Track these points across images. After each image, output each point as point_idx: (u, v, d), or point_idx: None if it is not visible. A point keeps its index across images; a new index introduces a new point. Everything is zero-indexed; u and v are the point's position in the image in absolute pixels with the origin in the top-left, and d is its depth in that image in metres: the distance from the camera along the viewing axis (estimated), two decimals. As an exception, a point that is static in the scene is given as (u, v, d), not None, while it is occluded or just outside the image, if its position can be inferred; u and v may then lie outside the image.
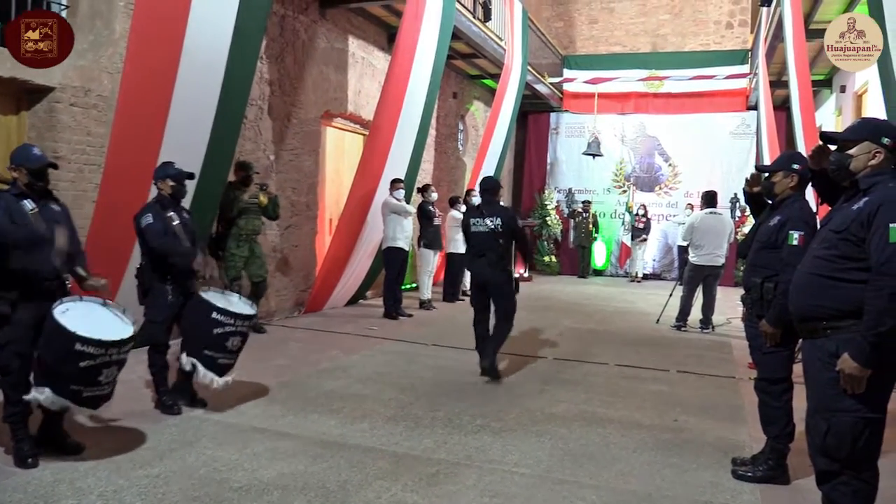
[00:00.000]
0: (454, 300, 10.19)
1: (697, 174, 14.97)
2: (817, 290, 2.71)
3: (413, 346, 6.87)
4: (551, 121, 16.42)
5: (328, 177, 9.31)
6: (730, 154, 14.89)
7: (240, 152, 7.18)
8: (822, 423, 2.68)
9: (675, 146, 15.40)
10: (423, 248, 9.30)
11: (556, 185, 16.27)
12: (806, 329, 2.79)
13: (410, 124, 9.05)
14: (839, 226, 2.68)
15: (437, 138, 12.43)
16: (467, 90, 13.88)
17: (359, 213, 8.53)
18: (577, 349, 7.06)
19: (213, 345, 4.25)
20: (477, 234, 5.66)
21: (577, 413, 4.74)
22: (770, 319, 3.47)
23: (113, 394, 3.57)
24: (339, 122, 9.48)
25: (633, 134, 15.76)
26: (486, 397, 5.04)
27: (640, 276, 14.58)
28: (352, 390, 5.09)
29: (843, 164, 2.74)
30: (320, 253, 8.84)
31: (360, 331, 7.52)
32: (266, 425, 4.22)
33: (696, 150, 15.15)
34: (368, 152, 8.54)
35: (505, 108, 12.50)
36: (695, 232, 8.39)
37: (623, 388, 5.49)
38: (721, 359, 6.82)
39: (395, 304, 8.54)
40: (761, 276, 3.59)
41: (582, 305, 10.45)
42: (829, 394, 2.66)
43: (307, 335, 7.17)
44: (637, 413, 4.80)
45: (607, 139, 15.54)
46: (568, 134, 16.26)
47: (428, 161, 11.94)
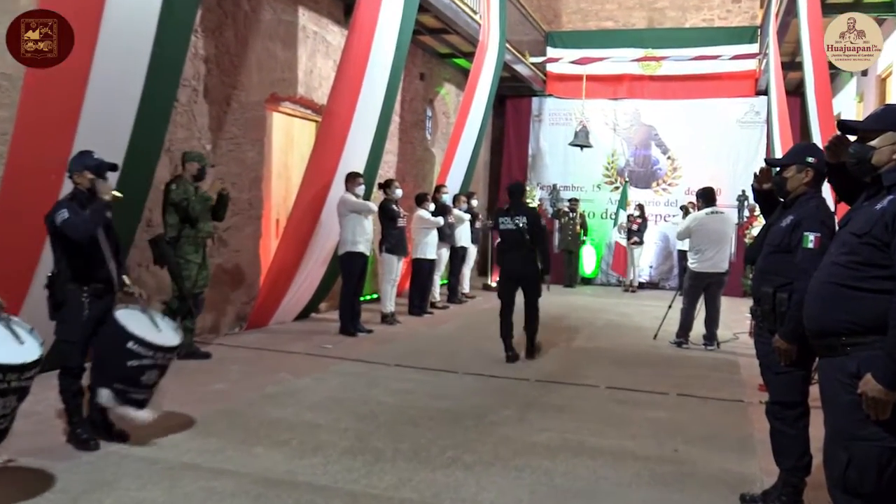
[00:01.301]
0: (422, 313, 10.18)
1: (700, 169, 15.19)
2: (835, 301, 2.74)
3: (374, 366, 6.84)
4: (533, 107, 16.54)
5: (275, 170, 9.25)
6: (737, 145, 15.13)
7: (170, 141, 7.09)
8: (843, 454, 2.70)
9: (675, 136, 15.62)
10: (386, 253, 9.28)
11: (539, 180, 16.37)
12: (823, 346, 2.81)
13: (371, 110, 9.02)
14: (860, 228, 2.71)
15: (402, 126, 12.42)
16: (436, 71, 13.90)
17: (311, 213, 8.48)
18: (562, 369, 7.07)
19: (125, 378, 4.19)
20: (506, 232, 7.39)
21: (563, 443, 4.74)
22: (784, 334, 3.50)
23: (10, 429, 3.48)
24: (287, 107, 9.42)
25: (627, 122, 15.94)
26: (458, 426, 5.02)
27: (635, 285, 14.73)
28: (302, 419, 5.04)
29: (863, 157, 2.77)
30: (265, 259, 8.77)
31: (312, 349, 7.47)
32: (199, 461, 4.16)
33: (699, 140, 15.37)
34: (322, 142, 8.50)
35: (480, 91, 12.53)
36: (693, 235, 8.49)
37: (616, 415, 5.51)
38: (728, 380, 6.89)
39: (352, 319, 8.50)
40: (773, 284, 3.62)
41: (568, 319, 10.50)
42: (850, 420, 2.67)
43: (249, 355, 7.11)
44: (632, 443, 4.82)
45: (597, 128, 15.68)
46: (552, 122, 16.38)
47: (391, 152, 11.92)
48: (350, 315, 8.49)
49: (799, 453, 3.65)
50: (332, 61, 9.81)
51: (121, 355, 4.15)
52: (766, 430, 3.87)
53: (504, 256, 7.51)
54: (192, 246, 6.68)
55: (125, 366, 4.16)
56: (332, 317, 9.17)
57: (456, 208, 11.44)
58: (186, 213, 6.61)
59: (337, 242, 8.66)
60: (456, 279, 11.97)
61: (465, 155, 12.54)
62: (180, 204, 6.55)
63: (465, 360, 7.29)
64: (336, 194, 8.58)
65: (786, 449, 3.69)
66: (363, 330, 8.57)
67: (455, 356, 7.46)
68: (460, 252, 11.76)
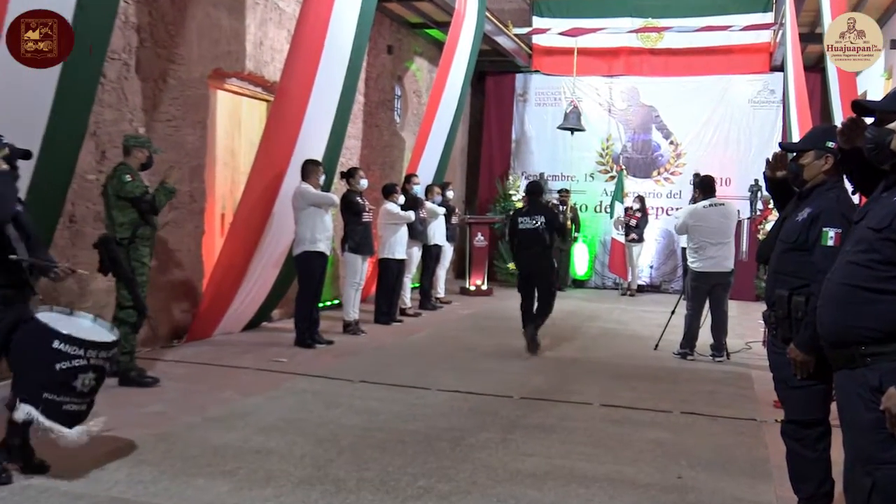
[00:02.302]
0: (390, 322, 10.17)
1: (707, 155, 15.34)
2: (853, 305, 2.76)
3: (334, 383, 6.82)
4: (517, 84, 16.58)
5: (220, 157, 9.20)
6: (749, 129, 15.28)
7: (96, 123, 7.02)
8: (866, 479, 2.73)
9: (678, 119, 15.74)
10: (349, 252, 9.25)
11: (524, 168, 16.43)
12: (840, 356, 2.84)
13: (331, 88, 9.01)
14: (879, 222, 2.73)
15: (367, 107, 12.40)
16: (406, 43, 13.89)
17: (261, 207, 8.45)
18: (550, 385, 7.09)
19: (55, 385, 4.12)
20: (524, 231, 8.59)
21: (551, 469, 4.75)
22: (801, 343, 3.53)
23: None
24: (233, 84, 9.36)
25: (624, 102, 16.03)
26: (431, 450, 5.02)
27: (633, 288, 14.83)
28: (251, 444, 5.01)
29: (882, 141, 2.78)
30: (209, 261, 8.72)
31: (264, 364, 7.45)
32: (131, 495, 4.12)
33: (706, 123, 15.52)
34: (274, 125, 8.47)
35: (456, 67, 12.52)
36: (692, 231, 8.57)
37: (612, 436, 5.53)
38: (739, 395, 6.95)
39: (310, 328, 8.49)
40: (788, 286, 3.65)
41: (558, 327, 10.50)
42: (873, 441, 2.70)
43: (191, 371, 7.07)
44: (630, 468, 4.84)
45: (590, 109, 15.76)
46: (539, 102, 16.44)
47: (354, 137, 11.90)
48: (307, 324, 8.46)
49: (819, 479, 3.68)
50: (285, 31, 9.77)
51: (47, 358, 4.09)
52: (782, 452, 3.90)
53: (521, 255, 8.77)
54: (147, 248, 6.59)
55: (53, 370, 4.09)
56: (286, 326, 9.14)
57: (429, 201, 11.43)
58: (151, 209, 6.51)
59: (292, 241, 8.63)
60: (429, 282, 11.97)
61: (439, 140, 12.53)
62: (141, 198, 6.43)
63: (439, 374, 7.28)
64: (291, 185, 8.54)
65: (805, 474, 3.72)
66: (322, 341, 8.54)
67: (428, 371, 7.45)
68: (434, 251, 11.76)
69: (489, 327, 10.37)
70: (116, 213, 6.43)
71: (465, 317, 11.35)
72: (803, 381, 3.60)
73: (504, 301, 13.23)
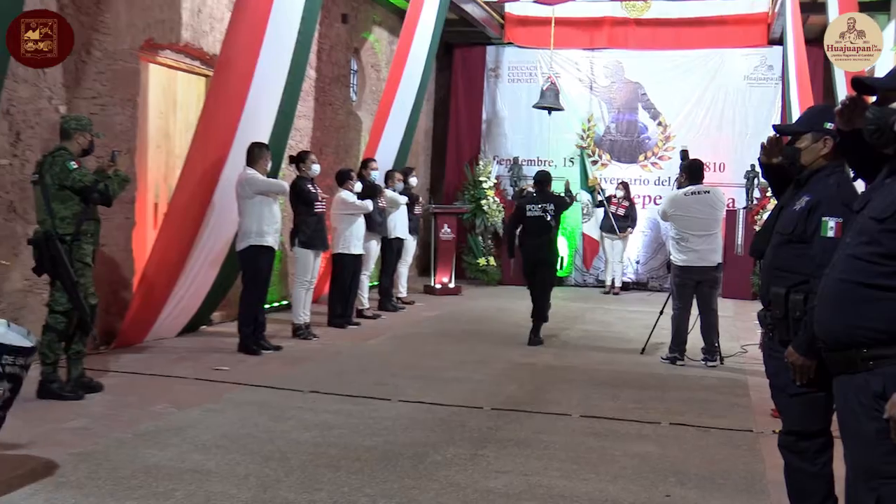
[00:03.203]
0: (346, 324, 10.16)
1: (698, 138, 15.39)
2: (853, 303, 2.79)
3: (283, 394, 6.81)
4: (488, 58, 16.59)
5: (152, 139, 9.14)
6: (745, 108, 15.41)
7: (10, 101, 6.95)
8: (869, 495, 2.77)
9: (667, 97, 15.84)
10: (299, 247, 9.24)
11: (496, 152, 16.46)
12: (839, 360, 2.87)
13: (278, 62, 8.98)
14: (882, 212, 2.76)
15: (319, 83, 12.36)
16: (364, 11, 13.85)
17: (200, 196, 8.42)
18: (525, 394, 7.13)
19: None
20: (532, 219, 9.63)
21: (527, 488, 4.77)
22: (799, 346, 3.55)
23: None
24: (168, 57, 9.30)
25: (607, 79, 16.10)
26: (392, 468, 5.02)
27: (617, 286, 14.93)
28: (188, 463, 4.98)
29: (883, 123, 2.81)
30: (140, 256, 8.67)
31: (203, 373, 7.42)
32: (52, 522, 4.09)
33: (697, 102, 15.64)
34: (215, 103, 8.44)
35: (419, 39, 12.51)
36: (673, 221, 8.67)
37: (593, 451, 5.56)
38: (733, 404, 7.02)
39: (255, 332, 8.47)
40: (785, 283, 3.68)
41: (535, 330, 10.62)
42: (877, 453, 2.73)
43: (120, 382, 7.01)
44: (613, 486, 4.87)
45: (569, 86, 15.82)
46: (512, 77, 16.47)
47: (305, 116, 11.87)
48: (252, 328, 8.45)
49: (821, 496, 3.72)
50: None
51: None
52: (779, 466, 3.95)
53: (527, 242, 9.77)
54: (90, 245, 6.52)
55: None
56: (228, 330, 9.11)
57: (389, 188, 11.44)
58: (103, 200, 6.46)
59: (235, 234, 8.60)
60: (389, 280, 11.97)
61: (400, 120, 12.52)
62: (93, 188, 6.34)
63: (401, 383, 7.29)
64: (234, 171, 8.50)
65: (804, 490, 3.76)
66: (269, 347, 8.53)
67: (388, 379, 7.46)
68: (395, 245, 11.77)
69: (457, 331, 10.40)
70: (57, 205, 6.28)
71: (429, 319, 11.36)
72: (803, 387, 3.62)
73: (474, 301, 13.28)
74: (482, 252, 15.70)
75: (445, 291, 13.93)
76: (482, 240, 15.74)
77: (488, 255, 15.71)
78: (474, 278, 15.61)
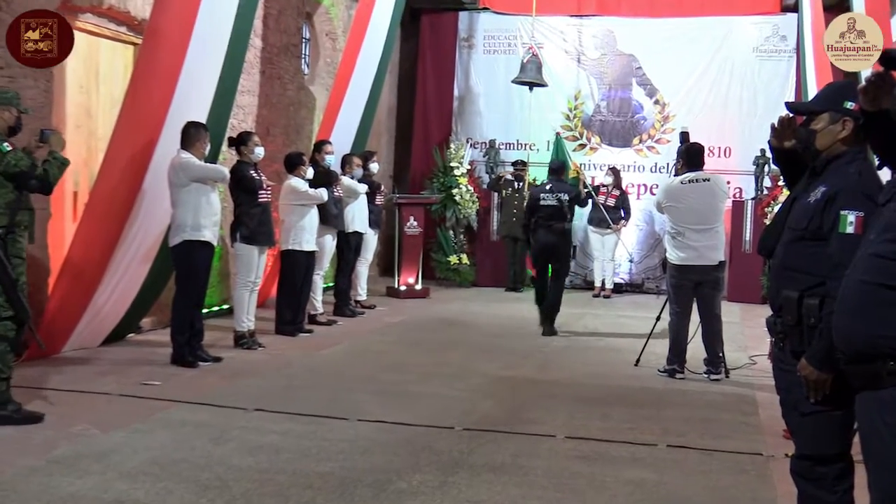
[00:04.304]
0: (296, 332, 10.14)
1: (701, 118, 15.47)
2: (877, 308, 2.82)
3: (223, 412, 6.79)
4: (461, 25, 16.59)
5: (71, 118, 9.07)
6: (754, 84, 15.49)
7: None
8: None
9: (666, 72, 15.91)
10: (242, 242, 9.20)
11: (469, 134, 16.49)
12: (861, 374, 2.90)
13: (216, 28, 8.95)
14: (911, 204, 2.80)
15: (266, 54, 12.31)
16: (317, -30, 13.82)
17: (127, 183, 8.38)
18: (503, 412, 7.13)
19: None
20: (546, 207, 10.86)
21: (504, 521, 4.79)
22: (814, 358, 3.56)
23: None
24: (88, 22, 9.21)
25: (597, 50, 16.14)
26: (349, 498, 5.02)
27: (608, 288, 14.96)
28: (112, 494, 4.96)
29: None
30: (56, 254, 8.61)
31: (130, 388, 7.37)
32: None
33: (700, 78, 15.71)
34: (144, 76, 8.41)
35: (382, 2, 12.50)
36: (667, 212, 8.69)
37: (580, 477, 5.57)
38: (740, 423, 7.05)
39: (191, 341, 8.43)
40: (798, 285, 3.69)
41: (511, 338, 10.62)
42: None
43: (32, 399, 6.92)
44: (603, 517, 4.90)
45: (554, 58, 15.85)
46: (488, 48, 16.49)
47: (249, 92, 11.83)
48: (187, 336, 8.39)
49: (840, 528, 3.76)
50: (157, -47, 9.67)
51: None
52: (793, 494, 3.97)
53: (539, 230, 10.88)
54: (24, 238, 6.49)
55: None
56: (160, 339, 9.06)
57: (346, 175, 11.43)
58: (42, 188, 6.44)
59: (168, 227, 8.56)
60: (347, 281, 11.95)
61: (359, 97, 12.52)
62: (30, 173, 6.30)
63: (360, 400, 7.29)
64: (166, 155, 8.44)
65: (822, 523, 3.79)
66: (207, 358, 8.50)
67: (345, 395, 7.45)
68: (353, 241, 11.75)
69: (424, 339, 10.40)
70: None
71: (393, 326, 11.36)
72: (818, 405, 3.62)
73: (444, 305, 13.28)
74: (453, 249, 15.67)
75: (411, 294, 13.92)
76: (454, 235, 15.74)
77: (460, 253, 15.68)
78: (444, 279, 15.62)
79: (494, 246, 15.68)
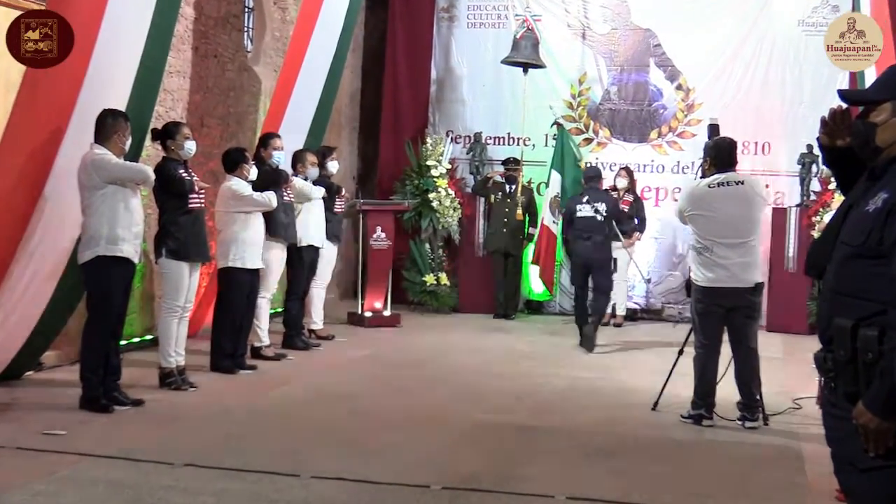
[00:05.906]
0: (235, 369, 10.11)
1: (733, 108, 15.46)
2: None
3: (145, 468, 6.76)
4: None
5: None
6: (799, 67, 15.45)
7: None
8: None
9: (690, 50, 15.94)
10: (168, 257, 9.17)
11: (450, 126, 16.53)
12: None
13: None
14: None
15: (200, 26, 12.33)
16: (264, -76, 13.86)
17: (26, 185, 8.40)
18: (489, 467, 7.13)
19: None
20: (583, 219, 12.49)
21: None
22: (873, 403, 3.57)
23: None
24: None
25: (607, 24, 16.18)
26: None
27: (619, 315, 14.95)
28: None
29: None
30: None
31: (29, 439, 7.34)
32: None
33: (732, 58, 15.71)
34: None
35: (343, -35, 12.57)
36: (692, 222, 8.63)
37: (586, 548, 5.61)
38: (783, 482, 7.05)
39: (106, 380, 8.39)
40: (853, 313, 3.69)
41: (502, 377, 10.62)
42: None
43: None
44: None
45: (553, 33, 15.89)
46: (473, 22, 16.53)
47: (179, 73, 11.85)
48: (102, 374, 8.37)
49: None
50: None
51: None
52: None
53: (577, 243, 12.62)
54: None
55: None
56: (67, 377, 9.05)
57: (299, 176, 11.45)
58: None
59: (77, 240, 8.55)
60: (299, 306, 11.94)
61: (315, 80, 12.57)
62: None
63: (315, 453, 7.29)
64: (76, 150, 8.45)
65: None
66: (126, 401, 8.48)
67: (298, 447, 7.46)
68: (307, 257, 11.76)
69: (394, 377, 10.40)
70: None
71: (356, 361, 11.36)
72: (879, 459, 3.63)
73: (418, 335, 13.29)
74: (430, 267, 15.62)
75: (378, 322, 13.92)
76: (430, 249, 15.75)
77: (438, 272, 15.62)
78: (419, 303, 15.61)
79: (480, 263, 15.64)
